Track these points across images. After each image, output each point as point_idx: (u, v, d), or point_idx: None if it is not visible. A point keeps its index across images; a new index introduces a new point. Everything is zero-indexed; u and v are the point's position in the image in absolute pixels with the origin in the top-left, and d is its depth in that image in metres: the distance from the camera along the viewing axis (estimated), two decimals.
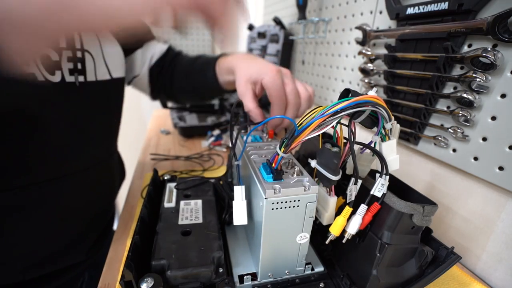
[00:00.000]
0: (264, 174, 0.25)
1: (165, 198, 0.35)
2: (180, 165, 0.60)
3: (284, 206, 0.24)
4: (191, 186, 0.38)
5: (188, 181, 0.39)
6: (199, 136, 0.79)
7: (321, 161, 0.25)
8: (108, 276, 0.31)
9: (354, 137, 0.24)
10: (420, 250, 0.26)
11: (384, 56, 0.43)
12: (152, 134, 0.82)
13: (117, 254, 0.34)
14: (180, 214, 0.32)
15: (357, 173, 0.25)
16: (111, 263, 0.32)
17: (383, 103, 0.23)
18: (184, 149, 0.70)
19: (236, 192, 0.26)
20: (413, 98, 0.40)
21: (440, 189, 0.39)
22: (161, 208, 0.33)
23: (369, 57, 0.47)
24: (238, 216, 0.26)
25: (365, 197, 0.26)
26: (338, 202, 0.28)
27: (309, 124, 0.22)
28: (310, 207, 0.24)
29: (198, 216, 0.32)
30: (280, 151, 0.24)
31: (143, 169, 0.58)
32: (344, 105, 0.21)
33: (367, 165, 0.29)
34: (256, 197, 0.26)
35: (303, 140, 0.23)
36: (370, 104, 0.22)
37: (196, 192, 0.37)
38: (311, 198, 0.24)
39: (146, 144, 0.74)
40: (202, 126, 0.79)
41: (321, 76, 0.68)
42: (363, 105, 0.22)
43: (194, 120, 0.83)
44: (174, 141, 0.76)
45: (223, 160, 0.63)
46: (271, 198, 0.23)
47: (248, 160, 0.30)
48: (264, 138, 0.35)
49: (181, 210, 0.33)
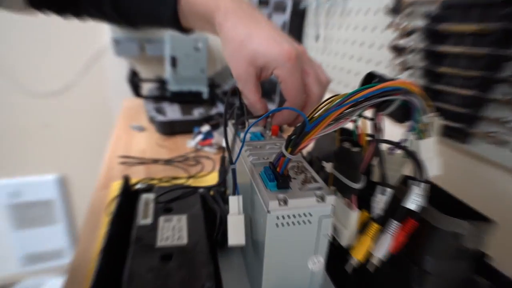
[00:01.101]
0: (267, 181, 0.25)
1: (139, 213, 0.36)
2: (159, 170, 0.61)
3: (292, 222, 0.24)
4: (173, 198, 0.38)
5: (169, 191, 0.40)
6: (183, 133, 0.80)
7: (339, 164, 0.25)
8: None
9: (381, 133, 0.24)
10: (473, 282, 0.26)
11: (423, 29, 0.44)
12: (121, 131, 0.83)
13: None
14: (159, 233, 0.32)
15: (386, 180, 0.25)
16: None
17: (419, 90, 0.24)
18: (164, 151, 0.71)
19: (231, 204, 0.27)
20: (462, 83, 0.41)
21: (498, 201, 0.39)
22: (134, 226, 0.34)
23: (402, 30, 0.47)
24: (234, 234, 0.26)
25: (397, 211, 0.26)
26: (362, 217, 0.28)
27: (323, 117, 0.22)
28: (326, 224, 0.25)
29: (182, 236, 0.32)
30: (286, 152, 0.24)
31: (109, 177, 0.59)
32: (368, 93, 0.22)
33: (398, 169, 0.30)
34: (256, 211, 0.27)
35: (315, 138, 0.23)
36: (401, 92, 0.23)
37: (179, 205, 0.37)
38: (326, 212, 0.25)
39: (113, 145, 0.74)
40: (187, 121, 0.80)
41: (340, 55, 0.69)
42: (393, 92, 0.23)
43: (176, 113, 0.84)
44: (150, 140, 0.77)
45: (214, 165, 0.64)
46: (275, 212, 0.24)
47: (246, 163, 0.30)
48: (267, 136, 0.35)
49: (160, 228, 0.33)
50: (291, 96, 0.33)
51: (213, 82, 1.01)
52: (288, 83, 0.32)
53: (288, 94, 0.33)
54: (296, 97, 0.33)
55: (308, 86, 0.33)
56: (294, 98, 0.33)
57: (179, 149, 0.71)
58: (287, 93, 0.33)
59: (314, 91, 0.34)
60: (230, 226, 0.27)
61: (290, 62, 0.31)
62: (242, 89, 0.35)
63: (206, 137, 0.73)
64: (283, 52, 0.31)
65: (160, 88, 0.97)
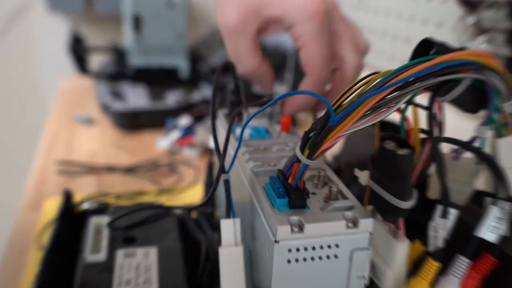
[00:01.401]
0: (274, 197, 0.26)
1: (87, 245, 0.36)
2: (116, 183, 0.61)
3: (311, 257, 0.24)
4: (138, 223, 0.39)
5: (131, 212, 0.40)
6: (151, 128, 0.81)
7: (379, 173, 0.25)
8: None
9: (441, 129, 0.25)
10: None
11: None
12: (59, 124, 0.84)
13: None
14: (116, 275, 0.33)
15: (449, 196, 0.26)
16: None
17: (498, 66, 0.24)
18: (124, 154, 0.71)
19: (224, 231, 0.27)
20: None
21: None
22: (80, 264, 0.34)
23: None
24: (229, 277, 0.27)
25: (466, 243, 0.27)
26: (413, 250, 0.28)
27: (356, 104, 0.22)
28: (360, 260, 0.25)
29: (149, 279, 0.32)
30: (302, 156, 0.24)
31: (40, 193, 0.59)
32: (422, 70, 0.22)
33: (467, 181, 0.30)
34: (258, 240, 0.27)
35: (344, 136, 0.23)
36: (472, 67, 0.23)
37: (146, 233, 0.38)
38: (361, 242, 0.25)
39: (47, 145, 0.75)
40: (158, 111, 0.80)
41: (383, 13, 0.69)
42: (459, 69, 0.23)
43: (141, 99, 0.85)
44: (103, 139, 0.77)
45: (197, 174, 0.64)
46: (286, 242, 0.24)
47: (244, 172, 0.30)
48: (274, 132, 0.36)
49: (117, 267, 0.33)
50: (315, 68, 0.33)
51: (195, 54, 1.02)
52: (312, 48, 0.33)
53: (311, 65, 0.33)
54: (321, 69, 0.33)
55: (340, 54, 0.34)
56: (318, 71, 0.33)
57: (146, 152, 0.72)
58: (309, 63, 0.33)
59: (349, 60, 0.34)
60: (223, 264, 0.27)
61: (318, 18, 0.32)
62: (234, 48, 0.35)
63: (185, 134, 0.74)
64: (308, 3, 0.32)
65: (117, 62, 0.97)
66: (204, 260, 0.34)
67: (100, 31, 1.22)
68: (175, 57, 0.96)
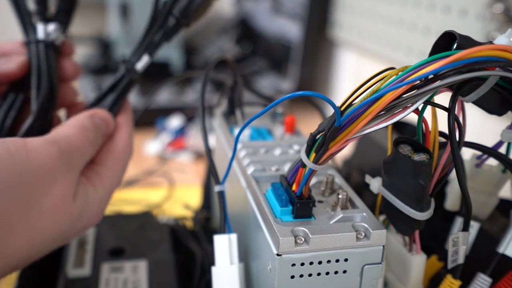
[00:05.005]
0: (276, 205, 0.26)
1: (69, 258, 0.36)
2: None
3: (317, 272, 0.25)
4: (125, 234, 0.39)
5: (118, 222, 0.40)
6: (139, 129, 0.81)
7: (393, 181, 0.26)
8: None
9: (462, 132, 0.25)
10: None
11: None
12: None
13: None
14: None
15: (470, 207, 0.26)
16: None
17: None
18: None
19: (217, 248, 0.27)
20: None
21: None
22: (61, 280, 0.34)
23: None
24: None
25: (489, 259, 0.27)
26: (430, 266, 0.29)
27: (366, 102, 0.23)
28: (371, 275, 0.25)
29: None
30: (308, 160, 0.25)
31: None
32: (443, 66, 0.22)
33: (491, 191, 0.30)
34: (259, 254, 0.27)
35: (355, 138, 0.24)
36: (499, 64, 0.23)
37: (135, 245, 0.38)
38: (373, 256, 0.25)
39: None
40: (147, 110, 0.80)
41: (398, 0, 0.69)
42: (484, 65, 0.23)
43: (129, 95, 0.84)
44: None
45: (192, 180, 0.65)
46: (290, 255, 0.24)
47: (243, 177, 0.31)
48: (277, 133, 0.36)
49: (103, 283, 0.34)
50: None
51: (189, 46, 1.01)
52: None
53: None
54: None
55: None
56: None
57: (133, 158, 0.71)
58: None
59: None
60: (216, 284, 0.27)
61: None
62: None
63: (177, 136, 0.74)
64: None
65: (101, 55, 0.97)
66: (199, 275, 0.35)
67: (82, 19, 1.22)
68: (167, 49, 0.95)
